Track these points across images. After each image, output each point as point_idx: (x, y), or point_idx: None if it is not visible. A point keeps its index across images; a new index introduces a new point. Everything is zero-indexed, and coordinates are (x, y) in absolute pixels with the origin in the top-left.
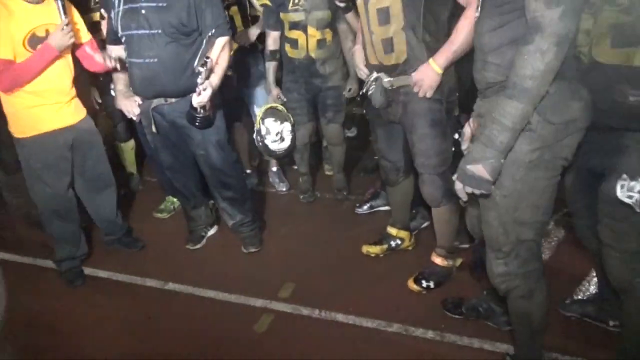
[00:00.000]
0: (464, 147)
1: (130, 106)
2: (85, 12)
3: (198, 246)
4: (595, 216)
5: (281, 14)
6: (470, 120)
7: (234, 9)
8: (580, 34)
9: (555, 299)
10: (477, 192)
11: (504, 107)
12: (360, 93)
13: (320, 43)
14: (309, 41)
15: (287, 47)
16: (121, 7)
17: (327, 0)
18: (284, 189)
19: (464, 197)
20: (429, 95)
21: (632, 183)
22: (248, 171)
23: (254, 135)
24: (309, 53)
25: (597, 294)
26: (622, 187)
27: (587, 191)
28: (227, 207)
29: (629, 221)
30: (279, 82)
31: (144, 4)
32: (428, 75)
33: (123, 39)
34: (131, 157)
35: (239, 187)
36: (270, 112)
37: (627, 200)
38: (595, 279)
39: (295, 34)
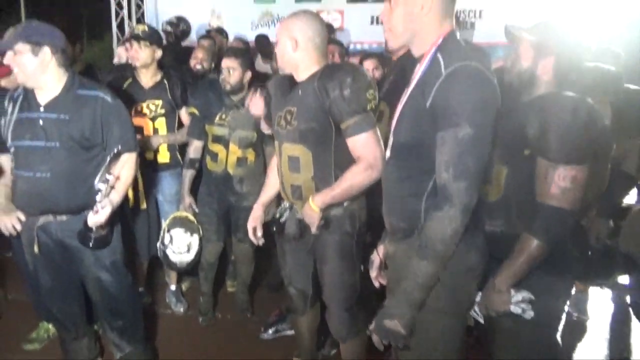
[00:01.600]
0: (372, 274)
1: (10, 222)
2: None
3: None
4: None
5: (206, 126)
6: (379, 248)
7: (161, 120)
8: None
9: None
10: (393, 344)
11: (418, 266)
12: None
13: (241, 161)
14: (229, 157)
15: (208, 159)
16: (15, 115)
17: (254, 121)
18: (182, 310)
19: (381, 348)
20: (314, 230)
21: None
22: (141, 289)
23: (158, 244)
24: (227, 169)
25: None
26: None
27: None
28: (116, 337)
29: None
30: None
31: (43, 115)
32: (307, 213)
33: (12, 149)
34: None
35: (132, 314)
36: (179, 222)
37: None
38: None
39: (216, 147)
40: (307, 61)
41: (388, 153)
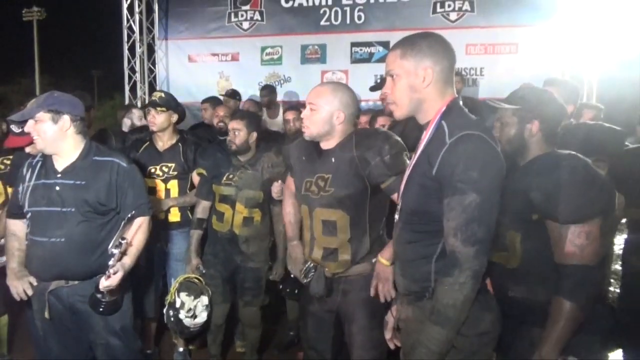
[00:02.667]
0: (387, 336)
1: (22, 287)
2: None
3: None
4: None
5: (214, 185)
6: (392, 309)
7: (173, 182)
8: None
9: None
10: None
11: (431, 332)
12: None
13: (247, 221)
14: (235, 217)
15: (214, 219)
16: (32, 182)
17: (262, 182)
18: None
19: None
20: (391, 293)
21: None
22: (149, 351)
23: (165, 310)
24: (233, 229)
25: None
26: None
27: None
28: None
29: None
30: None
31: (60, 181)
32: (383, 271)
33: (28, 215)
34: (4, 334)
35: None
36: (186, 285)
37: None
38: None
39: (223, 207)
40: (341, 132)
41: (397, 217)
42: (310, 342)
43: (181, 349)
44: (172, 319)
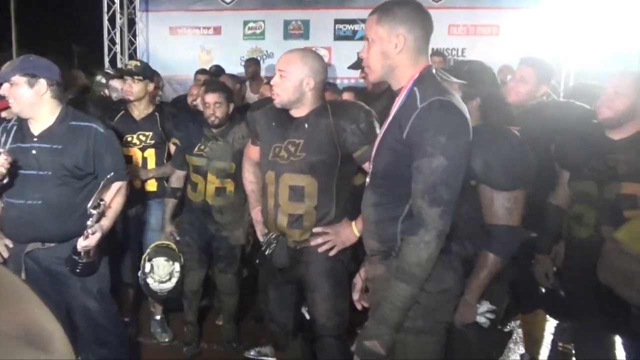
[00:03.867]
0: (355, 297)
1: None
2: None
3: None
4: None
5: (187, 156)
6: (361, 272)
7: (150, 151)
8: None
9: None
10: None
11: (395, 289)
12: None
13: (219, 191)
14: (207, 187)
15: (189, 188)
16: (8, 146)
17: (233, 153)
18: (167, 340)
19: None
20: (335, 251)
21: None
22: (127, 319)
23: (139, 273)
24: (206, 199)
25: None
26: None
27: None
28: None
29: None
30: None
31: (36, 145)
32: (346, 233)
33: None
34: None
35: (117, 344)
36: (161, 250)
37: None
38: None
39: (196, 178)
40: (313, 99)
41: (367, 180)
42: (273, 314)
43: (158, 317)
44: (142, 282)
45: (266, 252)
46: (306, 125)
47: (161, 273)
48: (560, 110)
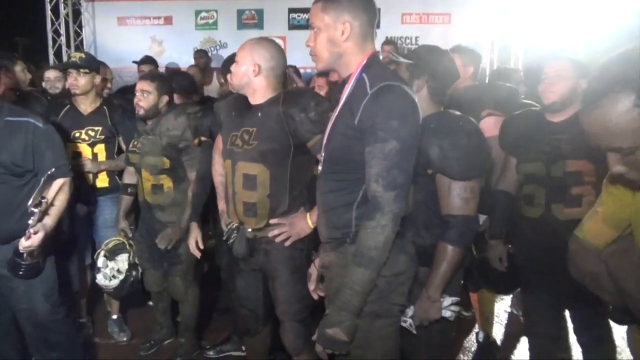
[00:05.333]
0: (310, 287)
1: None
2: None
3: None
4: None
5: (127, 153)
6: (315, 261)
7: (100, 146)
8: None
9: None
10: (336, 352)
11: (354, 274)
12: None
13: (155, 188)
14: (143, 184)
15: (138, 187)
16: None
17: (162, 147)
18: (125, 339)
19: (325, 358)
20: (289, 241)
21: (407, 310)
22: (83, 320)
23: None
24: (145, 197)
25: None
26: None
27: None
28: None
29: (416, 337)
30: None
31: None
32: (301, 224)
33: None
34: None
35: (68, 346)
36: (113, 248)
37: (404, 325)
38: None
39: (137, 175)
40: (265, 87)
41: (320, 167)
42: (241, 300)
43: (115, 316)
44: (95, 279)
45: (228, 242)
46: (259, 114)
47: (109, 270)
48: (486, 91)
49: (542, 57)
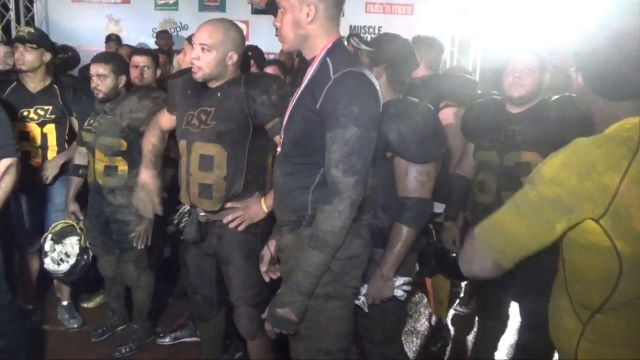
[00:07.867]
0: (262, 269)
1: None
2: None
3: None
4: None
5: (80, 131)
6: (270, 243)
7: (50, 126)
8: None
9: None
10: (285, 332)
11: (309, 256)
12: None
13: (109, 170)
14: (96, 165)
15: (89, 168)
16: None
17: (121, 128)
18: (75, 326)
19: (274, 337)
20: (243, 226)
21: (360, 289)
22: (30, 307)
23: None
24: (97, 178)
25: None
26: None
27: None
28: None
29: (371, 318)
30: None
31: None
32: (255, 209)
33: None
34: None
35: (14, 334)
36: (62, 231)
37: (357, 303)
38: None
39: (88, 155)
40: (231, 73)
41: (279, 149)
42: (195, 287)
43: (65, 303)
44: (42, 263)
45: (179, 226)
46: (219, 94)
47: (57, 254)
48: (444, 82)
49: (500, 53)
